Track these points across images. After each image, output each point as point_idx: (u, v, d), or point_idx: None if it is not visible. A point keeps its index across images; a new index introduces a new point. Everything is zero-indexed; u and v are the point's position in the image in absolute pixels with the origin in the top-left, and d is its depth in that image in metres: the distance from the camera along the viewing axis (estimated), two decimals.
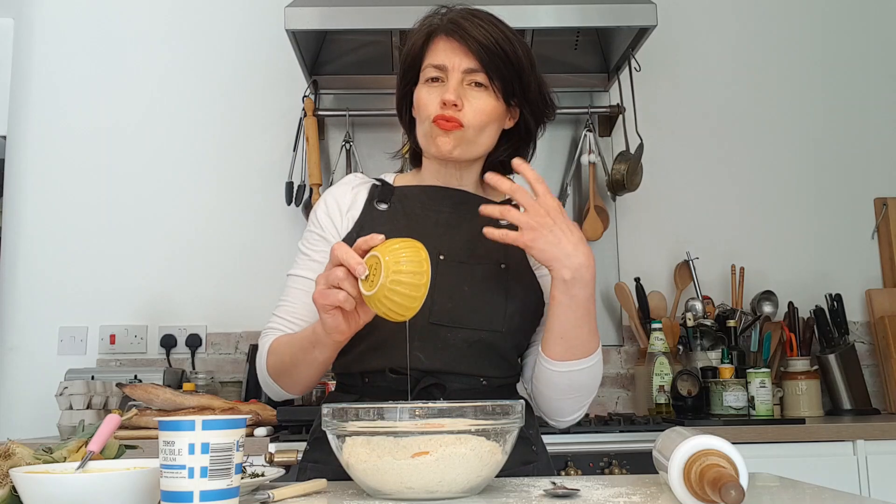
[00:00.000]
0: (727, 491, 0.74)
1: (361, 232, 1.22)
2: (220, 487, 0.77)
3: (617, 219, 2.77)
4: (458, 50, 1.19)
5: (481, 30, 1.18)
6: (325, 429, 0.94)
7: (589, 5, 2.27)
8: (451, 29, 1.19)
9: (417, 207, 1.26)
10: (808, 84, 2.89)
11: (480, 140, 1.22)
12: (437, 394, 1.18)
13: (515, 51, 1.20)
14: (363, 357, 1.20)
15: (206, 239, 2.72)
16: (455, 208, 1.26)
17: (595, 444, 1.98)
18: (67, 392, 2.14)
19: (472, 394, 1.19)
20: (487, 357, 1.19)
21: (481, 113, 1.19)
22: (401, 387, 1.17)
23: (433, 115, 1.19)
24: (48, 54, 2.83)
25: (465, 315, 1.17)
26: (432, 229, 1.23)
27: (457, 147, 1.20)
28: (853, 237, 2.80)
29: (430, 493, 0.89)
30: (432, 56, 1.22)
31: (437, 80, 1.21)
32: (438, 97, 1.19)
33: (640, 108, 2.66)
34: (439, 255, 1.19)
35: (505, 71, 1.19)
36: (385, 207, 1.26)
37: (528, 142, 1.31)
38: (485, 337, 1.18)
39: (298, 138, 2.69)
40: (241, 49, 2.83)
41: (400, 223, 1.24)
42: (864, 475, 2.03)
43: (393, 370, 1.17)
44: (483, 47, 1.18)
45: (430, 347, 1.17)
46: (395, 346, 1.16)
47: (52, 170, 2.75)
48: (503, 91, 1.21)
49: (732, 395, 2.23)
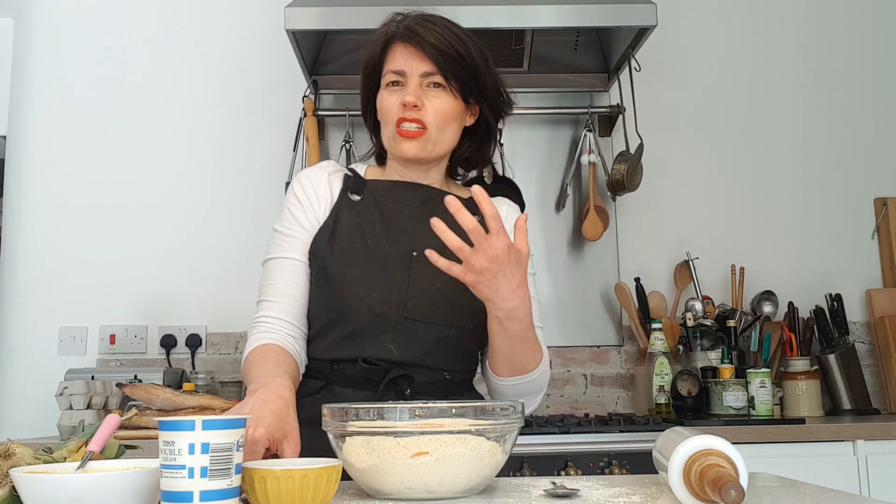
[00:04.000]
0: (727, 491, 0.74)
1: (337, 222, 1.28)
2: (220, 487, 0.77)
3: (617, 219, 2.77)
4: (415, 55, 1.25)
5: (436, 34, 1.24)
6: (325, 429, 0.94)
7: (589, 5, 2.27)
8: (407, 35, 1.25)
9: (389, 201, 1.31)
10: (808, 84, 2.88)
11: (443, 139, 1.28)
12: (405, 385, 1.22)
13: (470, 52, 1.26)
14: (335, 345, 1.24)
15: (207, 239, 2.72)
16: (424, 204, 1.31)
17: (595, 444, 1.98)
18: (67, 392, 2.14)
19: (436, 387, 1.25)
20: (453, 352, 1.26)
21: (441, 112, 1.25)
22: (371, 377, 1.22)
23: (396, 119, 1.25)
24: (48, 54, 2.83)
25: (437, 311, 1.23)
26: (405, 223, 1.29)
27: (422, 150, 1.26)
28: (853, 237, 2.80)
29: (430, 493, 0.89)
30: (391, 62, 1.27)
31: (398, 85, 1.26)
32: (399, 100, 1.25)
33: (640, 108, 2.66)
34: (412, 252, 1.25)
35: (461, 72, 1.25)
36: (358, 199, 1.31)
37: (489, 138, 1.37)
38: (453, 333, 1.24)
39: (298, 138, 2.69)
40: (242, 49, 2.83)
41: (373, 215, 1.29)
42: (864, 475, 2.03)
43: (366, 360, 1.21)
44: (438, 51, 1.23)
45: (401, 340, 1.22)
46: (368, 337, 1.22)
47: (53, 170, 2.75)
48: (461, 91, 1.26)
49: (732, 395, 2.23)
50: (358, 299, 1.22)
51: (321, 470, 0.80)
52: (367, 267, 1.24)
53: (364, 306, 1.22)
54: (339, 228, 1.27)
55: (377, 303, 1.22)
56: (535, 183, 2.76)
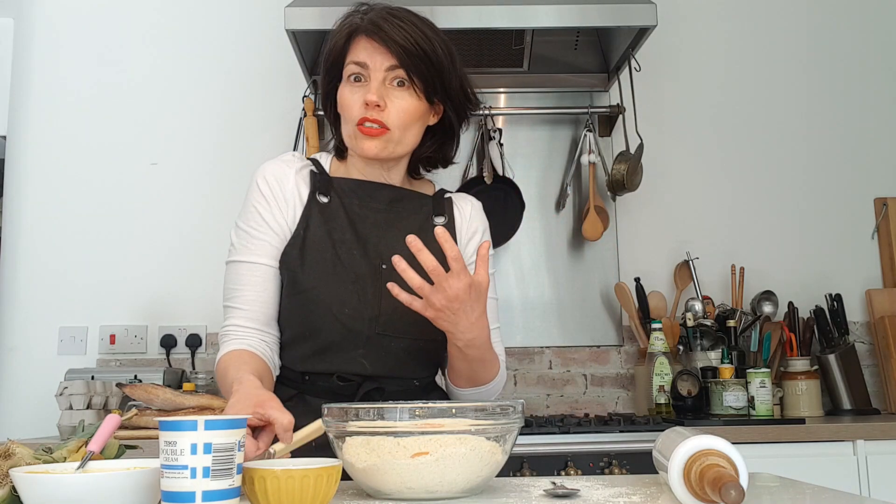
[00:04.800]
0: (727, 491, 0.74)
1: (308, 230, 1.24)
2: (222, 487, 0.77)
3: (617, 219, 2.77)
4: (379, 50, 1.21)
5: (401, 31, 1.20)
6: (325, 428, 0.94)
7: (589, 5, 2.27)
8: (372, 30, 1.21)
9: (355, 204, 1.29)
10: (808, 84, 2.89)
11: (405, 140, 1.26)
12: (377, 396, 1.23)
13: (435, 50, 1.22)
14: (307, 359, 1.23)
15: (207, 239, 2.72)
16: (390, 205, 1.30)
17: (595, 444, 1.98)
18: (67, 392, 2.14)
19: (407, 394, 1.27)
20: (422, 361, 1.28)
21: (404, 112, 1.23)
22: (345, 391, 1.22)
23: (357, 118, 1.22)
24: (48, 54, 2.82)
25: (408, 326, 1.22)
26: (372, 231, 1.27)
27: (383, 150, 1.24)
28: (853, 237, 2.80)
29: (430, 493, 0.89)
30: (354, 54, 1.24)
31: (360, 80, 1.23)
32: (361, 98, 1.22)
33: (640, 108, 2.66)
34: (381, 266, 1.24)
35: (425, 70, 1.22)
36: (326, 201, 1.28)
37: (451, 137, 1.35)
38: (423, 345, 1.25)
39: (298, 138, 2.69)
40: (241, 49, 2.83)
41: (342, 221, 1.27)
42: (864, 475, 2.03)
43: (340, 377, 1.22)
44: (403, 49, 1.20)
45: (373, 356, 1.22)
46: (339, 352, 1.21)
47: (52, 170, 2.75)
48: (424, 90, 1.23)
49: (732, 395, 2.23)
50: (330, 315, 1.21)
51: (321, 470, 0.80)
52: (338, 281, 1.22)
53: (336, 322, 1.21)
54: (310, 237, 1.24)
55: (349, 318, 1.21)
56: (535, 183, 2.76)
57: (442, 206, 1.34)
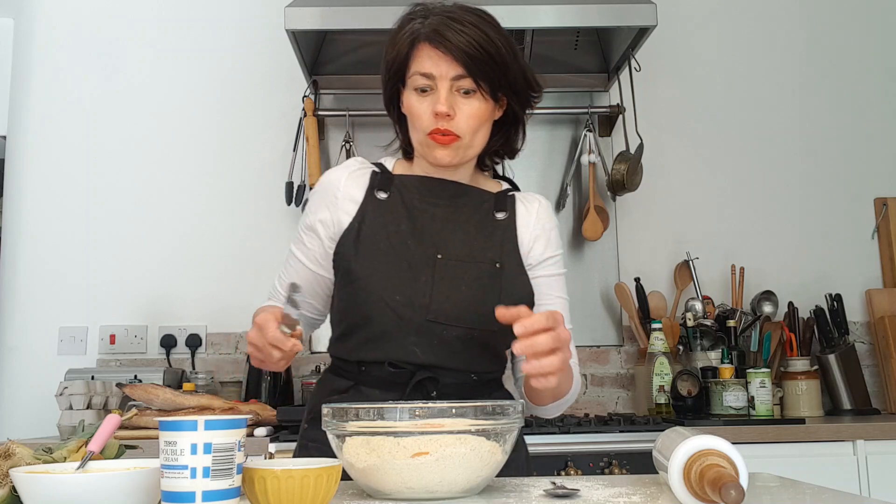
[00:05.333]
0: (727, 491, 0.74)
1: (363, 223, 1.26)
2: (222, 487, 0.77)
3: (617, 219, 2.77)
4: (443, 59, 1.21)
5: (463, 36, 1.20)
6: (325, 429, 0.94)
7: (589, 5, 2.27)
8: (435, 38, 1.21)
9: (416, 199, 1.29)
10: (808, 84, 2.89)
11: (475, 143, 1.27)
12: (431, 387, 1.22)
13: (499, 49, 1.22)
14: (361, 347, 1.24)
15: (207, 239, 2.72)
16: (451, 201, 1.30)
17: (595, 444, 1.98)
18: (67, 392, 2.14)
19: (463, 388, 1.24)
20: (480, 353, 1.25)
21: (472, 118, 1.23)
22: (397, 379, 1.21)
23: (428, 129, 1.23)
24: (48, 54, 2.82)
25: (461, 314, 1.21)
26: (429, 224, 1.27)
27: (455, 156, 1.25)
28: (853, 237, 2.80)
29: (430, 493, 0.89)
30: (418, 64, 1.24)
31: (427, 91, 1.24)
32: (430, 107, 1.23)
33: (640, 108, 2.66)
34: (437, 255, 1.24)
35: (490, 72, 1.22)
36: (385, 196, 1.29)
37: (517, 128, 1.35)
38: (478, 335, 1.23)
39: (298, 138, 2.69)
40: (241, 49, 2.83)
41: (400, 214, 1.27)
42: (864, 475, 2.03)
43: (392, 364, 1.21)
44: (467, 55, 1.20)
45: (426, 343, 1.21)
46: (393, 340, 1.21)
47: (52, 170, 2.75)
48: (490, 91, 1.24)
49: (732, 395, 2.23)
50: (382, 302, 1.21)
51: (321, 470, 0.80)
52: (391, 268, 1.23)
53: (388, 309, 1.21)
54: (365, 230, 1.26)
55: (401, 305, 1.21)
56: (535, 183, 2.76)
57: (504, 202, 1.34)
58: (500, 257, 1.25)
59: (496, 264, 1.25)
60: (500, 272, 1.24)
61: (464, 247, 1.24)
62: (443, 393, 1.21)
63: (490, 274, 1.24)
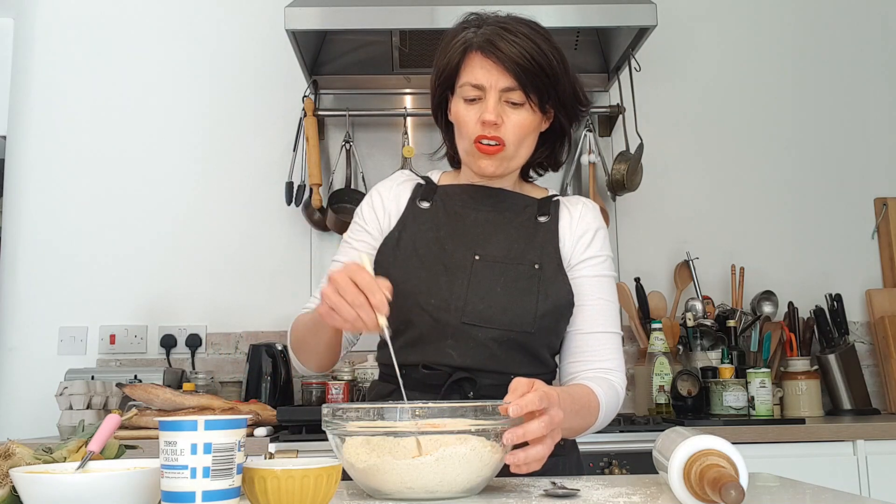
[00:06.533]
0: (727, 491, 0.74)
1: (403, 231, 1.28)
2: (222, 487, 0.77)
3: (617, 219, 2.77)
4: (494, 69, 1.22)
5: (516, 47, 1.20)
6: (325, 429, 0.94)
7: (589, 5, 2.27)
8: (487, 48, 1.22)
9: (458, 206, 1.31)
10: (809, 84, 2.88)
11: (520, 153, 1.28)
12: (468, 388, 1.22)
13: (550, 62, 1.23)
14: (400, 351, 1.23)
15: (206, 239, 2.72)
16: (495, 207, 1.31)
17: (595, 444, 1.98)
18: (67, 392, 2.14)
19: (502, 389, 1.19)
20: (518, 355, 1.23)
21: (520, 128, 1.24)
22: (433, 381, 1.22)
23: (475, 136, 1.24)
24: (48, 54, 2.82)
25: (496, 315, 1.21)
26: (471, 227, 1.28)
27: (499, 167, 1.26)
28: (853, 237, 2.80)
29: (430, 493, 0.89)
30: (469, 74, 1.24)
31: (475, 100, 1.24)
32: (477, 115, 1.23)
33: (640, 108, 2.66)
34: (475, 256, 1.24)
35: (541, 84, 1.23)
36: (427, 206, 1.31)
37: (562, 141, 1.36)
38: (515, 337, 1.22)
39: (298, 138, 2.69)
40: (242, 49, 2.83)
41: (441, 220, 1.29)
42: (864, 475, 2.03)
43: (426, 366, 1.22)
44: (519, 66, 1.20)
45: (462, 345, 1.21)
46: (429, 343, 1.22)
47: (52, 170, 2.75)
48: (539, 103, 1.24)
49: (732, 395, 2.23)
50: (418, 307, 1.22)
51: (321, 470, 0.80)
52: (427, 273, 1.24)
53: (424, 313, 1.22)
54: (404, 237, 1.28)
55: (436, 309, 1.21)
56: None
57: (548, 206, 1.34)
58: (540, 259, 1.25)
59: (535, 265, 1.24)
60: (539, 274, 1.24)
61: (503, 248, 1.24)
62: (481, 395, 1.21)
63: (528, 276, 1.23)
